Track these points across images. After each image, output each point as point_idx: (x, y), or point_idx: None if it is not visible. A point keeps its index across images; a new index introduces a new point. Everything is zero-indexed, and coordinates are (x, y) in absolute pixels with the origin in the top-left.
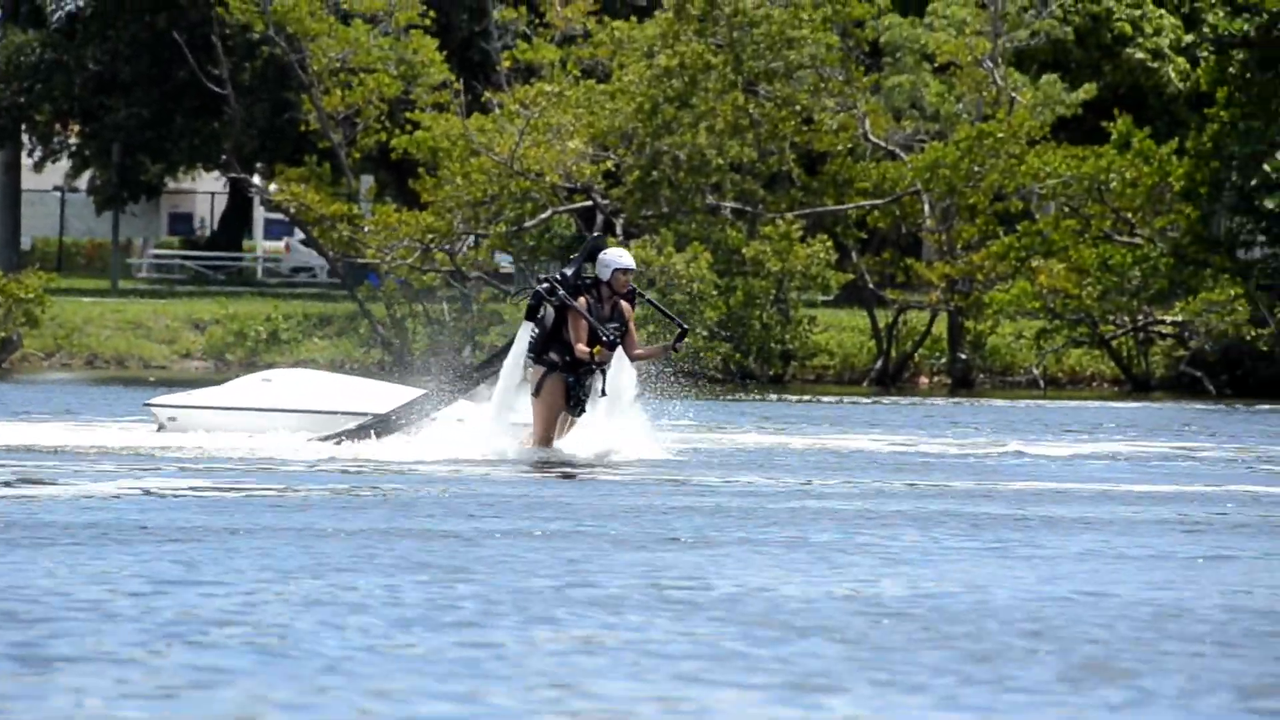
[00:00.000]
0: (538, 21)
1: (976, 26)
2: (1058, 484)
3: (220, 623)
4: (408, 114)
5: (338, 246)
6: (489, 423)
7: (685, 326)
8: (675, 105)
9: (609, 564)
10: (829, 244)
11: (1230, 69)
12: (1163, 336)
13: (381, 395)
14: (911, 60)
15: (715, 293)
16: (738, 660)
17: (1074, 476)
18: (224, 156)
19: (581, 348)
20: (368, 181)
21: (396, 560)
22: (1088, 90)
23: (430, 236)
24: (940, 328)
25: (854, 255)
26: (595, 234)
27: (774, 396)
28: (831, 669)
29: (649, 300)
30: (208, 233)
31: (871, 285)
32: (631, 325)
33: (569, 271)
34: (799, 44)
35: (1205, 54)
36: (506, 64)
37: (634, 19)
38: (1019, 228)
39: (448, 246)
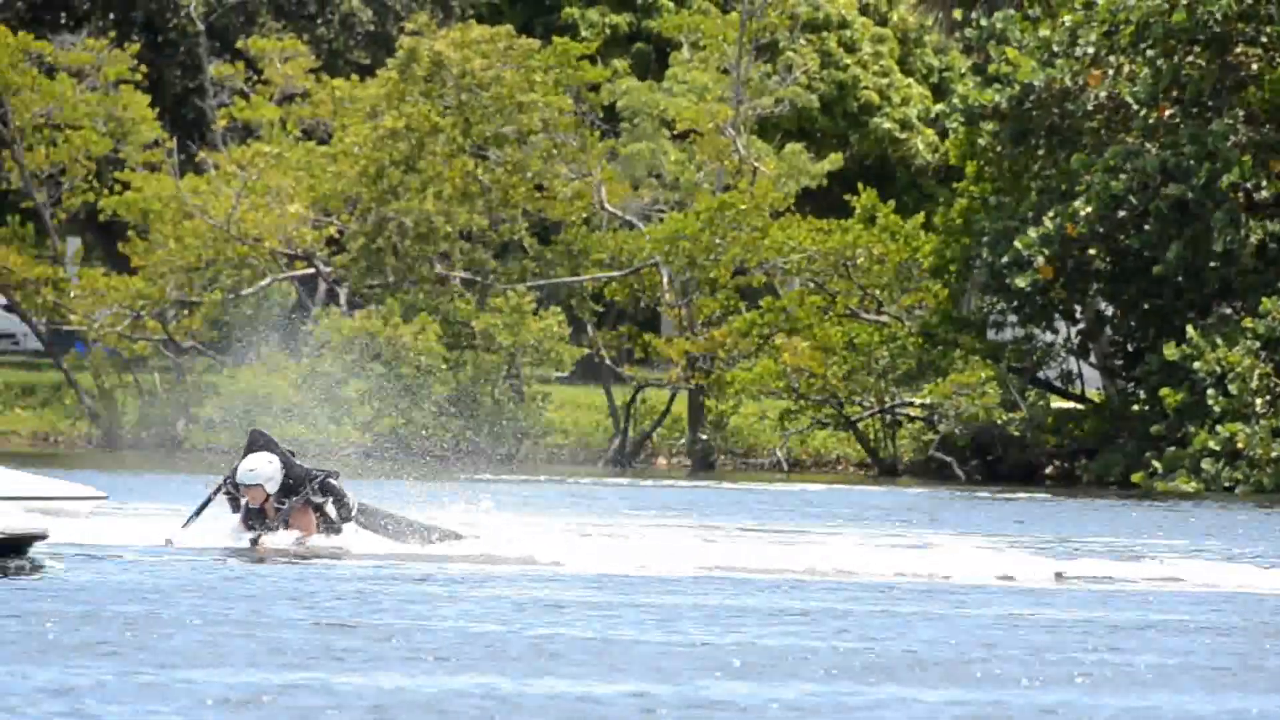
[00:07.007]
0: (256, 78)
1: (718, 93)
2: None
3: None
4: (116, 174)
5: (41, 312)
6: None
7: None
8: (401, 169)
9: None
10: (562, 318)
11: (980, 141)
12: (911, 419)
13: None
14: (650, 126)
15: (444, 366)
16: None
17: None
18: None
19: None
20: (74, 244)
21: None
22: (833, 160)
23: (141, 303)
24: (680, 407)
25: (590, 329)
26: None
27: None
28: None
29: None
30: None
31: (608, 361)
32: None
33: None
34: (530, 108)
35: (955, 126)
36: (222, 122)
37: (355, 78)
38: (762, 303)
39: (159, 313)
